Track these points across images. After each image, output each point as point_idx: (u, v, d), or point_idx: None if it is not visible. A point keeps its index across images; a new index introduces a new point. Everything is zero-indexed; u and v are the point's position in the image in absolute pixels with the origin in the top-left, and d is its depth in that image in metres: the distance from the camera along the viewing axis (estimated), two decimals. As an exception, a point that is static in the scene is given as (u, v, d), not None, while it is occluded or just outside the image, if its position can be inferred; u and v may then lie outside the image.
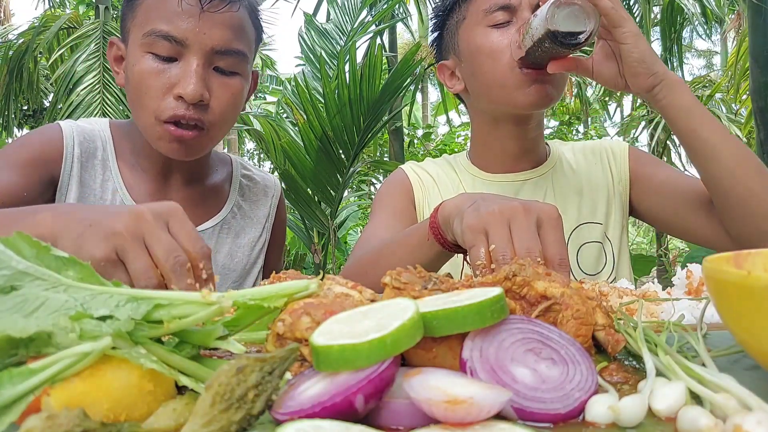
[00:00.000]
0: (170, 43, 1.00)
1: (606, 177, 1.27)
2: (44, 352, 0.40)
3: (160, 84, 1.01)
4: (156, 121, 1.02)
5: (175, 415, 0.39)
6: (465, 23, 1.19)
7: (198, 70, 1.01)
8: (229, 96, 1.07)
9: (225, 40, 1.03)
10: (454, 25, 1.23)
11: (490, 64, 1.15)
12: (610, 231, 1.24)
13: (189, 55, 1.01)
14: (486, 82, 1.17)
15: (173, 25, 1.00)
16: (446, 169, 1.31)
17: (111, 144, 1.16)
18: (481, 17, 1.15)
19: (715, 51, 15.56)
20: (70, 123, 1.15)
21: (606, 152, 1.30)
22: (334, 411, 0.35)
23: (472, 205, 0.75)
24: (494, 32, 1.14)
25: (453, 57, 1.25)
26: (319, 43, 4.56)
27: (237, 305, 0.46)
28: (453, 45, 1.24)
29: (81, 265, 0.46)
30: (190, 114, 1.01)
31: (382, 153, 6.85)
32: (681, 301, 0.71)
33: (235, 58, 1.05)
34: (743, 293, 0.41)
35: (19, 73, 5.70)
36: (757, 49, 3.67)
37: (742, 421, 0.34)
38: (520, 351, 0.43)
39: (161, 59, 1.01)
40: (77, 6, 9.51)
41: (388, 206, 1.25)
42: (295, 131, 4.09)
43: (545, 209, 0.71)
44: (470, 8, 1.19)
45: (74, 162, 1.11)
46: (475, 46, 1.17)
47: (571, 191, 1.25)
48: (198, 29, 1.01)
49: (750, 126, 5.87)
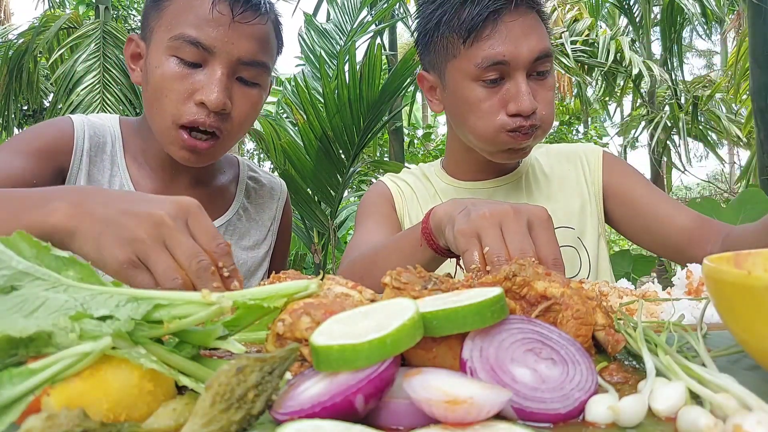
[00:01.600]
0: (197, 49, 1.00)
1: (579, 183, 1.27)
2: (44, 352, 0.40)
3: (183, 88, 1.00)
4: (172, 125, 1.02)
5: (175, 415, 0.39)
6: (455, 62, 1.11)
7: (222, 78, 1.01)
8: (249, 107, 1.07)
9: (251, 52, 1.03)
10: (443, 52, 1.14)
11: (475, 121, 1.11)
12: (586, 237, 1.24)
13: (214, 63, 1.01)
14: (467, 130, 1.15)
15: (202, 31, 1.00)
16: (422, 180, 1.31)
17: (120, 140, 1.16)
18: (473, 70, 1.08)
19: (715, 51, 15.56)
20: (81, 117, 1.15)
21: (580, 158, 1.30)
22: (334, 411, 0.35)
23: (462, 211, 0.75)
24: (483, 91, 1.09)
25: (436, 77, 1.19)
26: (319, 43, 4.57)
27: (237, 305, 0.46)
28: (439, 69, 1.17)
29: (81, 265, 0.46)
30: (210, 121, 1.01)
31: (382, 153, 6.85)
32: (681, 301, 0.71)
33: (258, 69, 1.06)
34: (743, 293, 0.41)
35: (19, 73, 5.69)
36: (757, 49, 3.67)
37: (742, 421, 0.34)
38: (520, 351, 0.43)
39: (186, 64, 1.01)
40: (77, 6, 9.52)
41: (374, 214, 1.25)
42: (295, 131, 4.09)
43: (535, 211, 0.72)
44: (463, 51, 1.09)
45: (83, 155, 1.10)
46: (462, 97, 1.12)
47: (542, 196, 1.25)
48: (227, 38, 1.01)
49: (750, 126, 5.87)
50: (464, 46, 1.09)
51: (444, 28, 1.11)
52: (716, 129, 7.53)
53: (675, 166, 7.89)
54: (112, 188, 1.11)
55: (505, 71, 1.08)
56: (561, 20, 7.86)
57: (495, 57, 1.06)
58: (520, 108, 1.07)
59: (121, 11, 10.39)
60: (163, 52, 1.02)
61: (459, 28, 1.08)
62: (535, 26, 1.10)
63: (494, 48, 1.06)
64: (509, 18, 1.07)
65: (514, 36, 1.07)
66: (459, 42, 1.09)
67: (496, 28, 1.07)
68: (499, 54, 1.06)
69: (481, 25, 1.06)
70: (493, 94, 1.09)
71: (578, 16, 7.91)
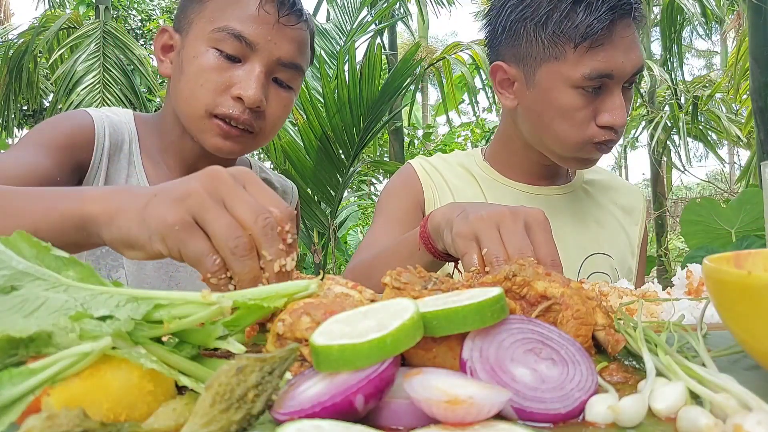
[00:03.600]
0: (240, 44, 1.00)
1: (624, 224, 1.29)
2: (44, 352, 0.40)
3: (221, 80, 1.00)
4: (205, 114, 1.01)
5: (175, 415, 0.39)
6: (557, 65, 1.05)
7: (261, 76, 1.01)
8: (282, 108, 1.07)
9: (291, 54, 1.04)
10: (541, 50, 1.06)
11: (565, 129, 1.07)
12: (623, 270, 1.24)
13: (254, 60, 1.01)
14: (548, 134, 1.10)
15: (247, 26, 1.00)
16: (457, 169, 1.25)
17: (136, 138, 1.13)
18: (577, 77, 1.03)
19: (715, 51, 15.56)
20: (100, 112, 1.12)
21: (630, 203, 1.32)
22: (334, 411, 0.35)
23: (460, 214, 0.75)
24: (580, 99, 1.05)
25: (519, 72, 1.11)
26: (319, 43, 4.56)
27: (237, 305, 0.46)
28: (528, 65, 1.09)
29: (81, 265, 0.46)
30: (245, 117, 1.01)
31: (382, 153, 6.85)
32: (681, 301, 0.71)
33: (294, 72, 1.07)
34: (743, 293, 0.41)
35: (19, 73, 5.69)
36: (757, 49, 3.67)
37: (742, 421, 0.34)
38: (520, 351, 0.43)
39: (225, 57, 1.01)
40: (77, 6, 9.51)
41: (392, 209, 1.22)
42: (295, 131, 4.09)
43: (532, 213, 0.72)
44: (569, 56, 1.03)
45: (104, 154, 1.08)
46: (555, 101, 1.07)
47: (591, 217, 1.24)
48: (270, 37, 1.01)
49: (750, 126, 5.87)
50: (574, 50, 1.03)
51: (552, 28, 1.04)
52: (716, 129, 7.53)
53: (675, 166, 7.89)
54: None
55: (605, 83, 1.05)
56: (561, 20, 7.85)
57: (605, 69, 1.02)
58: (615, 122, 1.04)
59: (121, 11, 10.40)
60: (203, 43, 1.02)
61: (572, 32, 1.02)
62: (637, 40, 1.07)
63: (606, 60, 1.02)
64: (622, 30, 1.03)
65: (623, 49, 1.03)
66: (569, 46, 1.03)
67: (611, 39, 1.02)
68: (609, 66, 1.02)
69: (599, 32, 1.01)
70: (589, 103, 1.05)
71: (578, 16, 7.89)
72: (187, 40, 1.05)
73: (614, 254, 1.23)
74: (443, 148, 8.78)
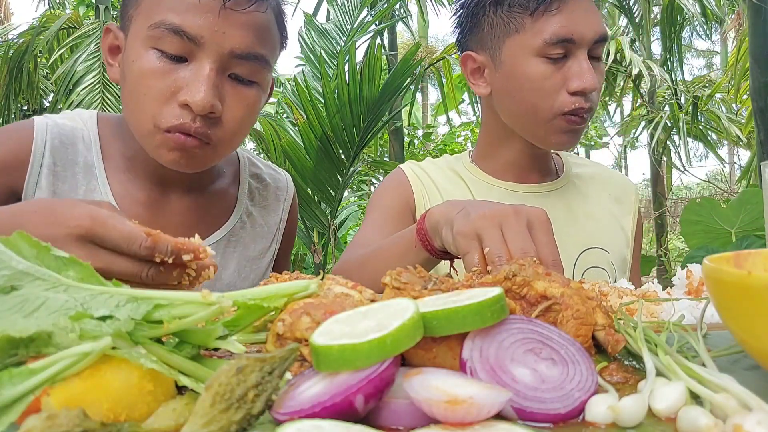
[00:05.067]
0: (181, 40, 0.85)
1: (616, 214, 1.29)
2: (44, 352, 0.40)
3: (164, 86, 0.86)
4: (154, 129, 0.88)
5: (175, 415, 0.39)
6: (518, 37, 1.09)
7: (211, 75, 0.86)
8: (244, 108, 0.92)
9: (246, 43, 0.89)
10: (503, 27, 1.11)
11: (535, 100, 1.09)
12: (618, 264, 1.24)
13: (202, 57, 0.87)
14: (522, 112, 1.13)
15: (187, 18, 0.85)
16: (447, 172, 1.26)
17: (97, 145, 0.99)
18: (539, 45, 1.06)
19: (715, 51, 15.55)
20: (47, 121, 0.98)
21: (622, 192, 1.32)
22: (334, 411, 0.35)
23: (461, 212, 0.74)
24: (547, 67, 1.07)
25: (487, 57, 1.15)
26: (319, 43, 4.56)
27: (237, 305, 0.46)
28: (493, 47, 1.13)
29: (81, 265, 0.46)
30: (197, 126, 0.86)
31: (382, 153, 6.85)
32: (681, 301, 0.71)
33: (255, 64, 0.91)
34: (743, 293, 0.41)
35: (19, 73, 5.69)
36: (757, 49, 3.67)
37: (742, 421, 0.34)
38: (520, 351, 0.43)
39: (168, 57, 0.86)
40: (77, 6, 9.51)
41: (383, 208, 1.21)
42: (295, 131, 4.09)
43: (535, 212, 0.72)
44: (527, 26, 1.08)
45: (42, 172, 0.94)
46: (524, 74, 1.09)
47: (581, 212, 1.24)
48: (216, 27, 0.86)
49: (750, 126, 5.87)
50: (531, 18, 1.07)
51: (508, 2, 1.09)
52: (716, 129, 7.52)
53: (675, 166, 7.88)
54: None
55: (569, 49, 1.07)
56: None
57: (564, 34, 1.05)
58: (585, 85, 1.05)
59: (121, 11, 10.37)
60: (142, 44, 0.87)
61: (526, 2, 1.07)
62: (594, 8, 1.11)
63: (563, 22, 1.06)
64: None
65: (580, 14, 1.07)
66: (525, 15, 1.08)
67: (566, 3, 1.06)
68: (568, 31, 1.05)
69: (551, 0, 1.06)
70: (556, 71, 1.07)
71: (578, 16, 7.89)
72: (128, 40, 0.91)
73: (610, 248, 1.23)
74: (443, 148, 8.77)
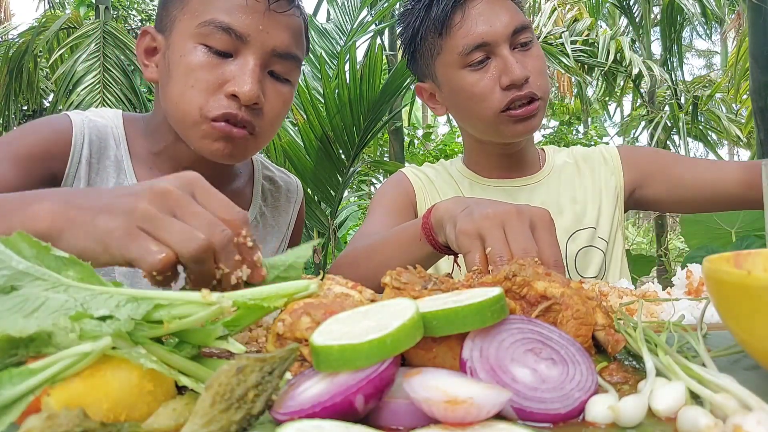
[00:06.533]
0: (229, 37, 0.92)
1: (598, 184, 1.29)
2: (44, 352, 0.40)
3: (212, 78, 0.92)
4: (201, 119, 0.93)
5: (175, 415, 0.39)
6: (441, 58, 1.16)
7: (256, 69, 0.93)
8: (281, 104, 0.99)
9: (286, 43, 0.97)
10: (429, 54, 1.18)
11: (473, 107, 1.14)
12: (607, 238, 1.25)
13: (247, 53, 0.93)
14: (470, 119, 1.19)
15: (236, 17, 0.92)
16: (443, 175, 1.33)
17: (124, 142, 1.06)
18: (457, 58, 1.12)
19: (715, 51, 15.55)
20: (82, 117, 1.05)
21: (598, 159, 1.32)
22: (334, 411, 0.35)
23: (464, 210, 0.74)
24: (473, 75, 1.12)
25: (431, 83, 1.22)
26: (319, 43, 4.56)
27: (237, 305, 0.46)
28: (430, 73, 1.21)
29: (81, 265, 0.46)
30: (243, 115, 0.93)
31: (382, 153, 6.84)
32: (681, 301, 0.71)
33: (291, 63, 0.99)
34: (743, 293, 0.41)
35: (19, 73, 5.69)
36: (757, 49, 3.67)
37: (742, 421, 0.34)
38: (520, 351, 0.43)
39: (215, 53, 0.93)
40: (77, 6, 9.51)
41: (387, 202, 1.26)
42: (295, 131, 4.09)
43: (538, 212, 0.72)
44: (444, 44, 1.14)
45: (81, 163, 1.01)
46: (457, 88, 1.15)
47: (566, 199, 1.27)
48: (261, 26, 0.93)
49: (750, 126, 5.88)
50: (442, 39, 1.13)
51: (422, 31, 1.16)
52: (716, 129, 7.52)
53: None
54: None
55: (488, 51, 1.11)
56: (561, 20, 7.85)
57: (474, 41, 1.10)
58: (513, 77, 1.09)
59: (121, 11, 10.40)
60: (189, 40, 0.94)
61: (433, 25, 1.13)
62: (503, 3, 1.14)
63: (469, 31, 1.11)
64: (471, 3, 1.12)
65: (486, 16, 1.11)
66: (437, 38, 1.14)
67: (465, 13, 1.11)
68: (477, 36, 1.10)
69: (450, 15, 1.11)
70: (484, 74, 1.12)
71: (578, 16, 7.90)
72: (172, 39, 0.97)
73: (596, 224, 1.24)
74: (443, 148, 8.77)
